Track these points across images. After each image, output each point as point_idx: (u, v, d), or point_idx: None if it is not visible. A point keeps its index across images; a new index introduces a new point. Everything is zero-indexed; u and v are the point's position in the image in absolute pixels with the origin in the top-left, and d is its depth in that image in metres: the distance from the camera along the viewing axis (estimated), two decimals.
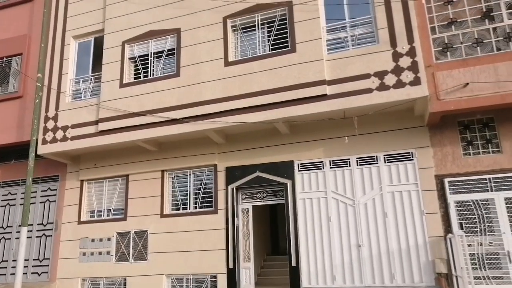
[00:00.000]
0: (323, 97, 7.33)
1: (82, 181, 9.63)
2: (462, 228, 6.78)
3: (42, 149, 9.20)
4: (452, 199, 6.94)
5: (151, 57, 9.02)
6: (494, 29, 6.91)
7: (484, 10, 7.06)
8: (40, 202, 9.89)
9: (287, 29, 7.97)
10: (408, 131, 7.47)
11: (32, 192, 9.49)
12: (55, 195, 9.81)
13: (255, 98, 7.74)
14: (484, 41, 6.88)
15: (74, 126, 9.07)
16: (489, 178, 6.85)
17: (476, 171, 6.93)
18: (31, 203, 9.52)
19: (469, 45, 6.94)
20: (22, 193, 9.93)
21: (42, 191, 9.95)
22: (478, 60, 6.71)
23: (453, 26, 7.10)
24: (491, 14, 7.01)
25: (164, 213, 8.80)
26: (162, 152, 9.01)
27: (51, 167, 9.90)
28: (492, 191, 6.80)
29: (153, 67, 8.97)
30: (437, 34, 7.12)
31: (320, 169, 7.90)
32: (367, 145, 7.67)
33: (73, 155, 9.62)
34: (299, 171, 8.02)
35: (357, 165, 7.70)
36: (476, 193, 6.86)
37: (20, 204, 9.97)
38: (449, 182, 7.01)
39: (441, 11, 7.24)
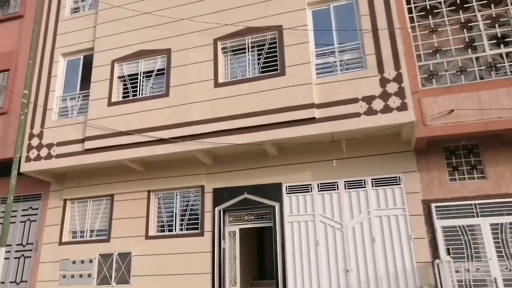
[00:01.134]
0: (311, 120, 7.39)
1: (65, 200, 9.40)
2: (449, 254, 6.79)
3: (25, 167, 8.99)
4: (439, 224, 6.97)
5: (140, 76, 9.01)
6: (477, 58, 7.12)
7: (467, 40, 7.29)
8: (21, 222, 9.59)
9: (276, 52, 8.08)
10: (395, 156, 7.54)
11: (13, 211, 9.20)
12: (36, 214, 9.53)
13: (244, 120, 7.76)
14: (467, 69, 7.08)
15: (60, 144, 8.91)
16: (475, 204, 6.92)
17: (462, 197, 7.00)
18: (11, 222, 9.21)
19: (454, 73, 7.12)
20: (2, 211, 9.62)
21: (23, 210, 9.67)
22: (462, 88, 6.88)
23: (438, 55, 7.30)
24: (474, 44, 7.25)
25: (149, 234, 8.60)
26: (149, 172, 8.88)
27: (34, 186, 9.65)
28: (478, 216, 6.86)
29: (142, 86, 8.95)
30: (423, 61, 7.30)
31: (308, 192, 7.88)
32: (355, 168, 7.70)
33: (57, 173, 9.42)
34: (287, 193, 7.98)
35: (345, 188, 7.70)
36: (462, 219, 6.91)
37: None
38: (436, 207, 7.05)
39: (426, 39, 7.46)
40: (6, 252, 8.86)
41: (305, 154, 8.00)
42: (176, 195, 8.76)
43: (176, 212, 8.64)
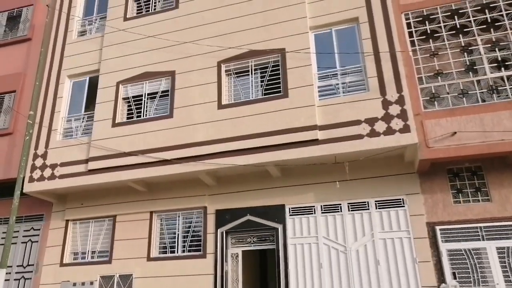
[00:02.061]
0: (314, 141, 7.42)
1: (67, 221, 9.36)
2: (455, 278, 6.68)
3: (29, 187, 9.01)
4: (444, 247, 6.88)
5: (145, 97, 9.12)
6: (478, 81, 7.19)
7: (468, 63, 7.38)
8: (22, 242, 9.54)
9: (279, 74, 8.19)
10: (398, 178, 7.52)
11: (14, 232, 9.16)
12: (38, 235, 9.48)
13: (247, 141, 7.79)
14: (469, 92, 7.13)
15: (63, 164, 8.95)
16: (480, 227, 6.85)
17: (467, 219, 6.93)
18: (12, 243, 9.15)
19: (455, 96, 7.18)
20: (3, 232, 9.58)
21: (24, 230, 9.63)
22: (465, 110, 6.92)
23: (439, 77, 7.37)
24: (475, 67, 7.33)
25: (151, 256, 8.52)
26: (152, 193, 8.87)
27: (36, 206, 9.64)
28: (483, 240, 6.78)
29: (146, 107, 9.04)
30: (425, 84, 7.37)
31: (312, 213, 7.83)
32: (359, 190, 7.67)
33: (59, 194, 9.42)
34: (290, 215, 7.93)
35: (349, 210, 7.65)
36: (468, 242, 6.83)
37: (0, 244, 9.58)
38: (441, 230, 6.98)
39: (427, 62, 7.55)
40: (6, 273, 8.78)
41: (308, 175, 7.99)
42: (179, 217, 8.72)
43: (178, 234, 8.58)
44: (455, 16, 7.56)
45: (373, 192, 7.58)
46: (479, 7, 7.48)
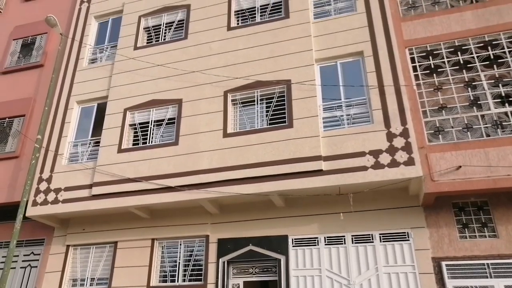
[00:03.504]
0: (318, 172, 7.41)
1: (68, 246, 9.27)
2: None
3: (31, 211, 9.00)
4: (451, 284, 6.71)
5: (151, 124, 9.23)
6: (482, 116, 7.23)
7: (472, 98, 7.45)
8: (21, 267, 9.42)
9: (285, 105, 8.29)
10: (403, 210, 7.45)
11: (14, 256, 9.08)
12: (37, 260, 9.37)
13: (251, 170, 7.81)
14: (473, 126, 7.16)
15: (67, 189, 8.97)
16: (488, 264, 6.70)
17: (474, 256, 6.80)
18: (11, 268, 9.05)
19: (460, 130, 7.21)
20: (3, 256, 9.49)
21: (24, 255, 9.53)
22: (469, 144, 6.93)
23: (443, 111, 7.43)
24: (479, 102, 7.40)
25: (151, 284, 8.37)
26: (154, 220, 8.82)
27: (37, 230, 9.59)
28: (491, 277, 6.62)
29: (152, 134, 9.13)
30: (429, 117, 7.42)
31: (315, 245, 7.72)
32: (363, 222, 7.58)
33: (62, 218, 9.39)
34: (293, 246, 7.82)
35: (353, 243, 7.54)
36: (476, 279, 6.66)
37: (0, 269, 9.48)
38: (447, 265, 6.83)
39: (431, 96, 7.63)
40: None
41: (312, 206, 7.93)
42: (180, 244, 8.62)
43: (179, 262, 8.46)
44: (458, 52, 7.71)
45: (377, 225, 7.49)
46: (482, 44, 7.64)
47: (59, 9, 11.73)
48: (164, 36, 10.23)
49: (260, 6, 9.61)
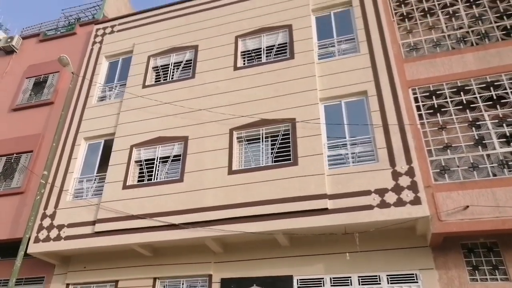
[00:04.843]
0: (324, 211, 7.33)
1: (67, 285, 9.07)
2: None
3: (33, 248, 8.89)
4: None
5: (157, 161, 9.28)
6: (488, 155, 7.22)
7: (477, 137, 7.47)
8: None
9: (289, 143, 8.35)
10: (411, 251, 7.27)
11: None
12: None
13: (256, 208, 7.74)
14: (479, 166, 7.13)
15: (70, 226, 8.90)
16: None
17: None
18: None
19: (466, 169, 7.17)
20: None
21: None
22: (476, 184, 6.87)
23: (448, 150, 7.44)
24: (484, 141, 7.41)
25: None
26: (156, 258, 8.66)
27: (38, 268, 9.42)
28: None
29: (157, 171, 9.17)
30: (434, 156, 7.42)
31: (320, 286, 7.49)
32: (369, 263, 7.39)
33: (63, 255, 9.24)
34: (298, 287, 7.59)
35: (359, 284, 7.31)
36: None
37: None
38: None
39: (436, 135, 7.67)
40: None
41: (318, 245, 7.77)
42: (182, 284, 8.41)
43: None
44: (461, 92, 7.82)
45: (384, 266, 7.29)
46: (484, 85, 7.76)
47: (72, 50, 12.17)
48: (172, 75, 10.52)
49: (266, 47, 9.92)
